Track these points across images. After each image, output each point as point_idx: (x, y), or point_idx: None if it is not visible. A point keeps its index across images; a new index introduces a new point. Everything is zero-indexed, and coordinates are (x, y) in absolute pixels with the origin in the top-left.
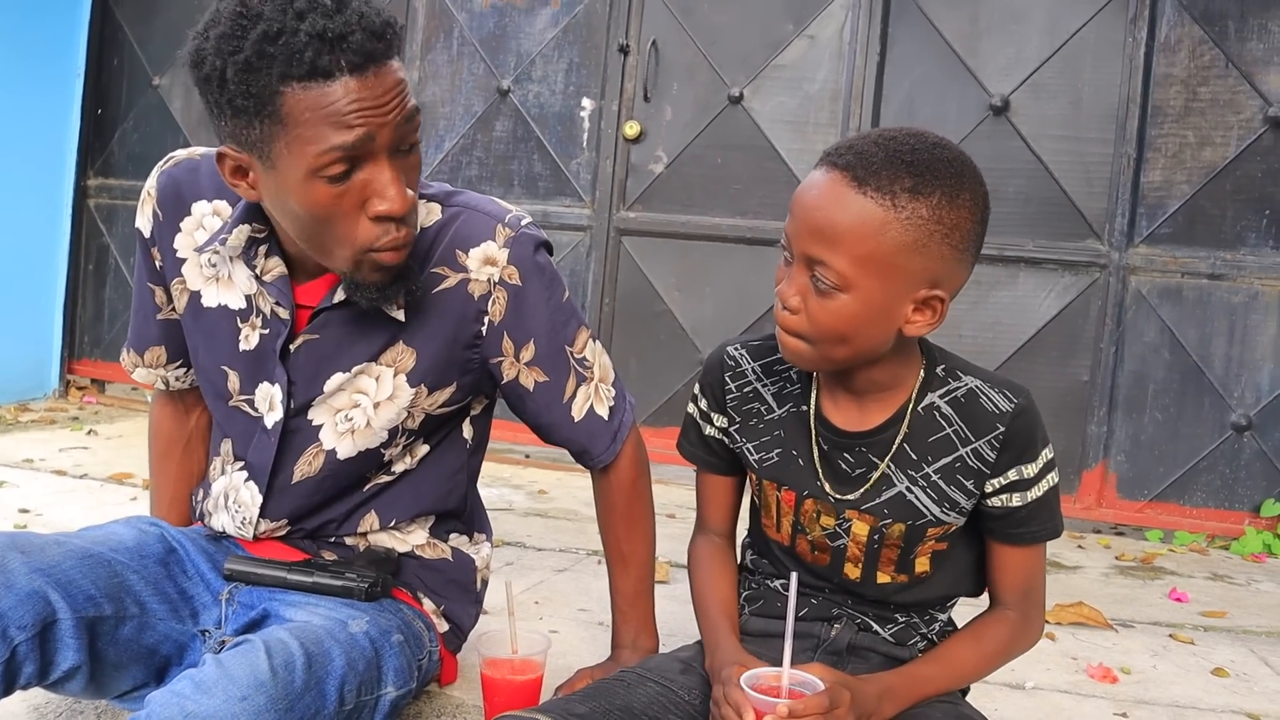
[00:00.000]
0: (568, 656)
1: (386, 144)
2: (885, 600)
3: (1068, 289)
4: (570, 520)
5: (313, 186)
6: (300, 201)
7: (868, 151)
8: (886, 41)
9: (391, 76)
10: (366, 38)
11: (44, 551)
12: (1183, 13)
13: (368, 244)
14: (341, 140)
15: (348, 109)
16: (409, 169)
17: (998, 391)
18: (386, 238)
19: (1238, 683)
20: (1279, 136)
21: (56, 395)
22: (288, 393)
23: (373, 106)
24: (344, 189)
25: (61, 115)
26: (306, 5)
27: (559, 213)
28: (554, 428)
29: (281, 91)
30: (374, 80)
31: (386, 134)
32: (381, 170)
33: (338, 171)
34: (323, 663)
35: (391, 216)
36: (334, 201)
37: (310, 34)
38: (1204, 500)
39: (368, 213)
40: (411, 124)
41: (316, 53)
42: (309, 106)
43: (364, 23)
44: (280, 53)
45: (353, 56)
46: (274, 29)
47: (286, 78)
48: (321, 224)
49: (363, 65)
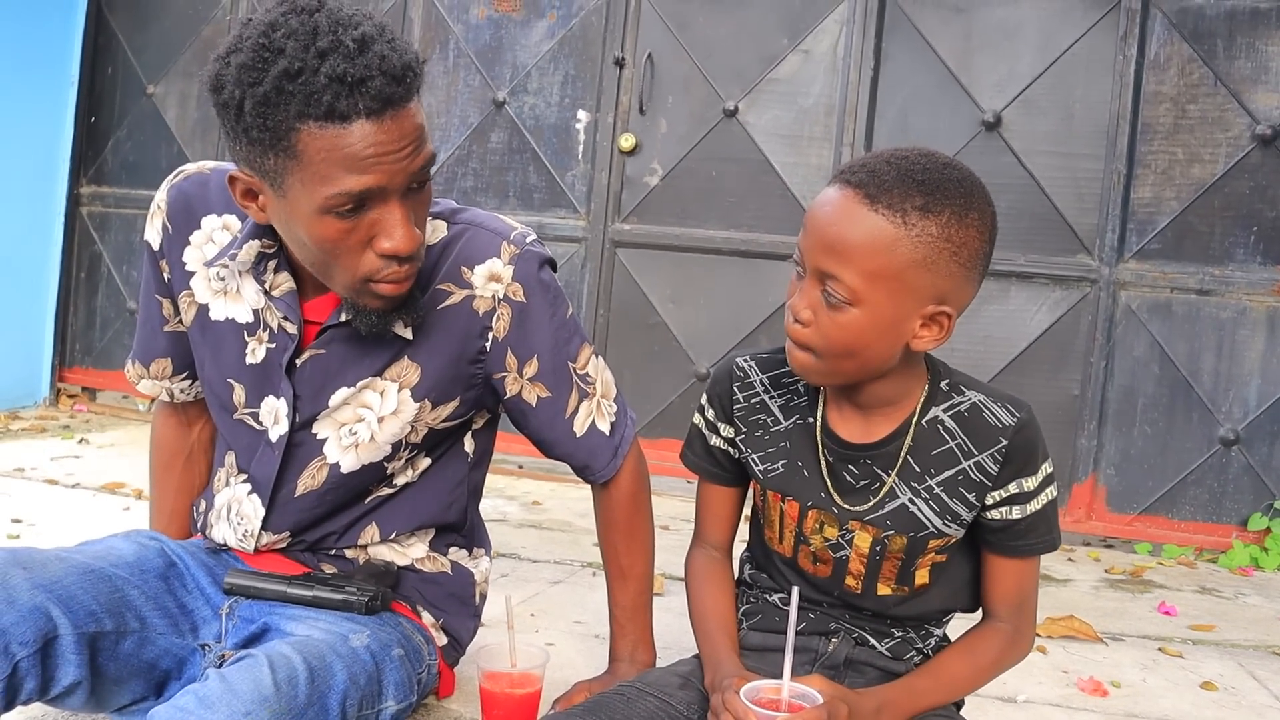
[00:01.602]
0: (564, 669)
1: (399, 189)
2: (883, 614)
3: (1058, 303)
4: (565, 532)
5: (322, 221)
6: (308, 233)
7: (880, 170)
8: (880, 57)
9: (410, 121)
10: (386, 82)
11: (46, 567)
12: (1172, 31)
13: (370, 274)
14: (355, 184)
15: (363, 153)
16: (419, 205)
17: (1000, 406)
18: (389, 270)
19: (1226, 696)
20: (1267, 154)
21: (47, 403)
22: (293, 407)
23: (388, 152)
24: (353, 224)
25: (55, 123)
26: (329, 44)
27: (554, 224)
28: (556, 443)
29: (298, 129)
30: (391, 125)
31: (400, 179)
32: (392, 210)
33: (348, 209)
34: (325, 677)
35: (397, 255)
36: (342, 236)
37: (330, 76)
38: (1192, 514)
39: (374, 248)
40: (427, 169)
41: (335, 95)
42: (324, 147)
43: (384, 66)
44: (299, 91)
45: (370, 102)
46: (295, 67)
47: (304, 116)
48: (327, 254)
49: (380, 110)
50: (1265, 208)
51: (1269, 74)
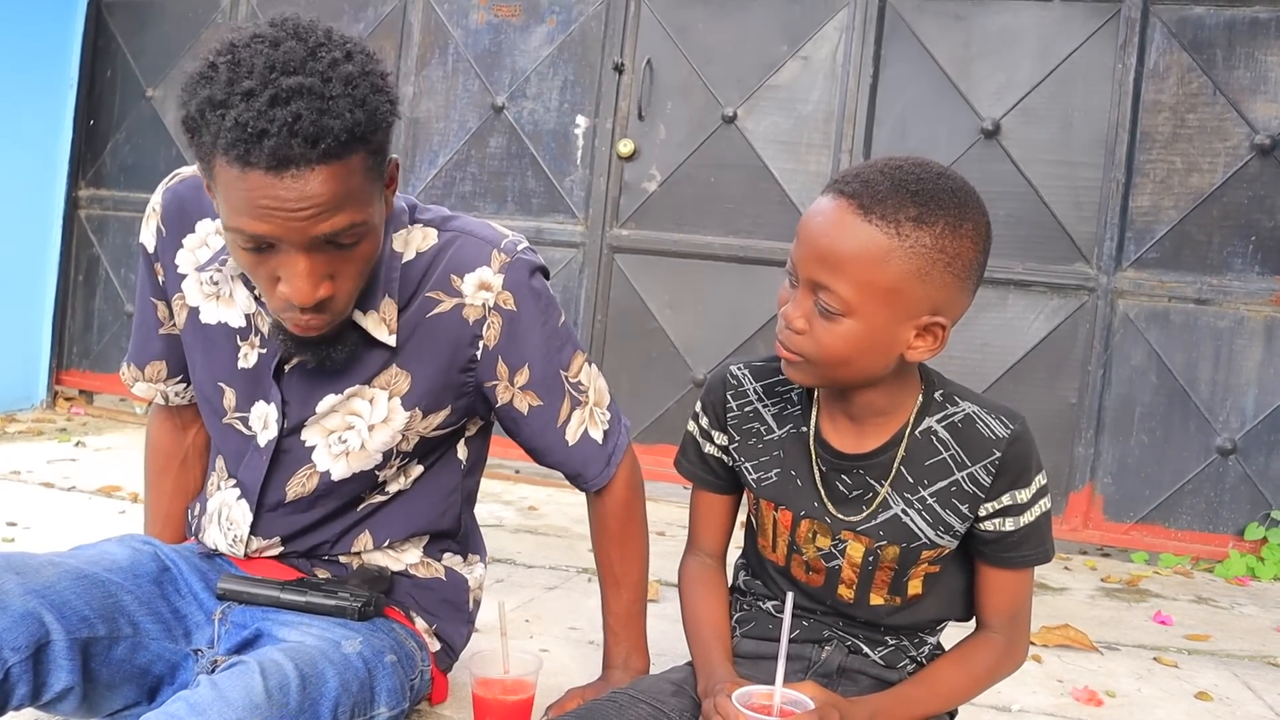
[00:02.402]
0: (558, 676)
1: (299, 244)
2: (876, 623)
3: (1056, 312)
4: (560, 537)
5: (234, 247)
6: (231, 251)
7: (874, 180)
8: (879, 64)
9: (318, 184)
10: (287, 142)
11: (39, 572)
12: (1172, 40)
13: (277, 311)
14: (248, 228)
15: (258, 203)
16: (342, 261)
17: (994, 417)
18: (290, 314)
19: (1221, 707)
20: (1265, 164)
21: (44, 406)
22: (282, 412)
23: (281, 209)
24: (261, 259)
25: (54, 126)
26: (252, 87)
27: (552, 230)
28: (548, 451)
29: (214, 155)
30: (292, 184)
31: (297, 238)
32: (295, 261)
33: (251, 246)
34: (317, 684)
35: (292, 305)
36: (252, 267)
37: (235, 121)
38: (1189, 523)
39: (278, 289)
40: (344, 233)
41: (233, 140)
42: (228, 182)
43: (297, 126)
44: (213, 123)
45: (267, 158)
46: (217, 98)
47: (214, 147)
48: (248, 274)
49: (277, 168)
50: (1263, 217)
51: (1268, 84)
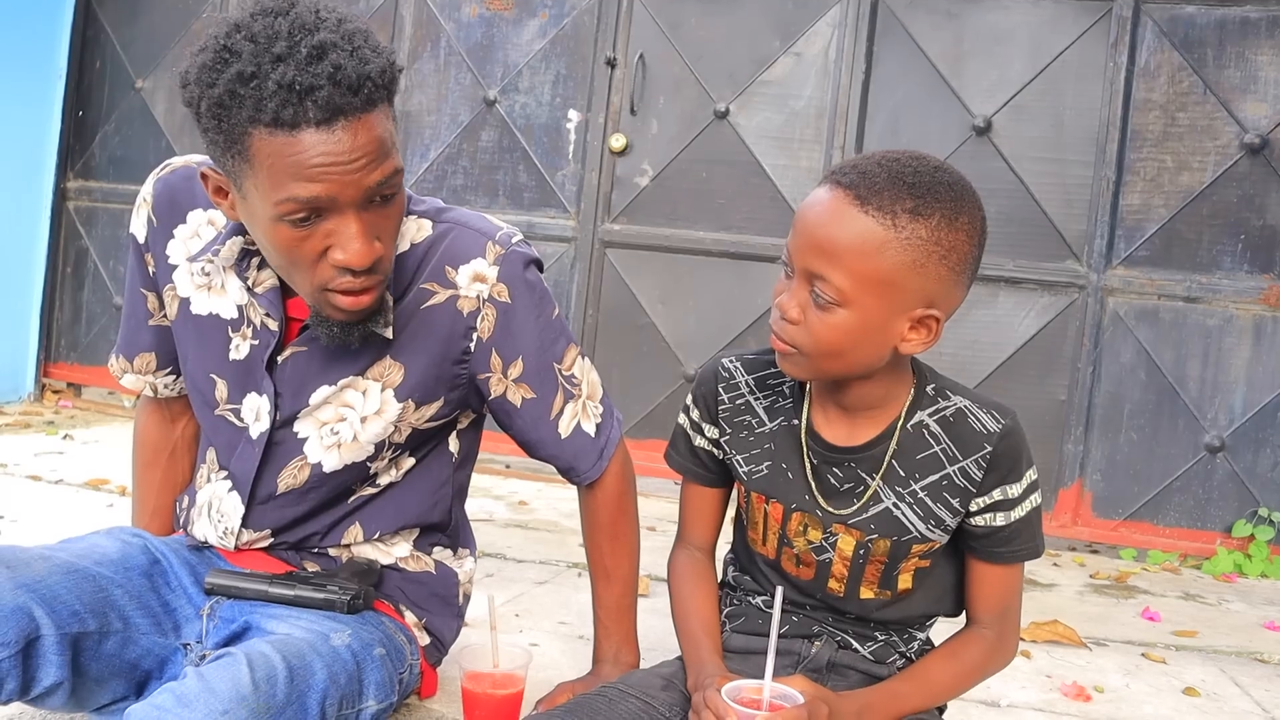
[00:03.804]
0: (548, 670)
1: (353, 201)
2: (866, 617)
3: (1046, 309)
4: (551, 532)
5: (277, 227)
6: (266, 237)
7: (871, 172)
8: (872, 60)
9: (365, 133)
10: (336, 92)
11: (29, 566)
12: (1163, 39)
13: (325, 284)
14: (303, 192)
15: (311, 163)
16: (383, 219)
17: (986, 412)
18: (344, 281)
19: (1208, 702)
20: (1255, 163)
21: (32, 399)
22: (274, 404)
23: (337, 163)
24: (308, 233)
25: (42, 117)
26: (284, 50)
27: (544, 224)
28: (541, 444)
29: (250, 133)
30: (342, 135)
31: (352, 192)
32: (347, 223)
33: (300, 218)
34: (304, 676)
35: (350, 269)
36: (296, 244)
37: (279, 83)
38: (1177, 520)
39: (329, 260)
40: (388, 183)
41: (282, 103)
42: (273, 153)
43: (339, 75)
44: (250, 96)
45: (318, 111)
46: (248, 71)
47: (254, 121)
48: (285, 259)
49: (329, 120)
50: (1253, 216)
51: (1258, 83)
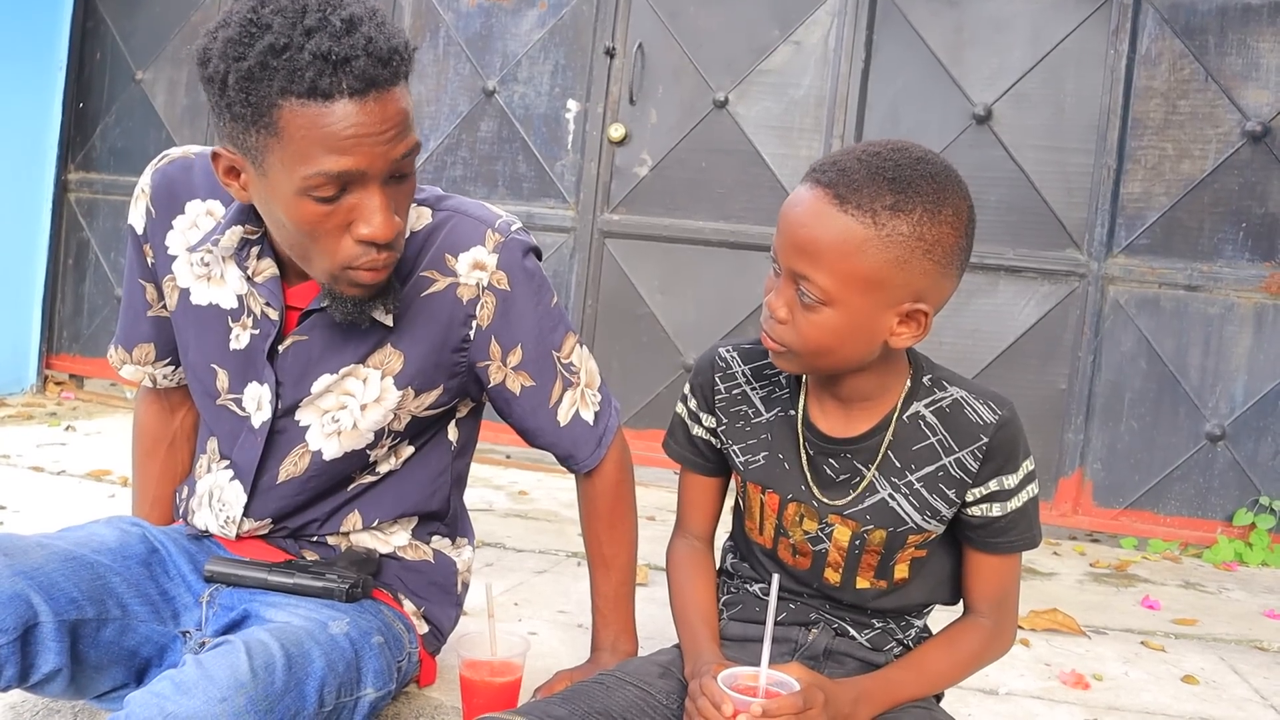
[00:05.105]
0: (546, 658)
1: (380, 174)
2: (863, 606)
3: (1047, 298)
4: (550, 521)
5: (301, 202)
6: (287, 213)
7: (850, 168)
8: (871, 49)
9: (393, 106)
10: (370, 63)
11: (27, 554)
12: (1164, 26)
13: (347, 261)
14: (334, 165)
15: (344, 133)
16: (401, 195)
17: (982, 403)
18: (366, 258)
19: (1207, 690)
20: (1256, 150)
21: (34, 390)
22: (276, 393)
23: (369, 134)
24: (331, 209)
25: (43, 109)
26: (316, 22)
27: (543, 214)
28: (539, 432)
29: (280, 105)
30: (374, 107)
31: (380, 165)
32: (372, 196)
33: (327, 193)
34: (303, 664)
35: (375, 243)
36: (320, 220)
37: (315, 53)
38: (1178, 509)
39: (352, 234)
40: (408, 158)
41: (318, 73)
42: (305, 125)
43: (370, 47)
44: (283, 67)
45: (354, 81)
46: (280, 43)
47: (286, 93)
48: (305, 237)
49: (363, 91)
50: (1254, 204)
51: (1259, 71)
